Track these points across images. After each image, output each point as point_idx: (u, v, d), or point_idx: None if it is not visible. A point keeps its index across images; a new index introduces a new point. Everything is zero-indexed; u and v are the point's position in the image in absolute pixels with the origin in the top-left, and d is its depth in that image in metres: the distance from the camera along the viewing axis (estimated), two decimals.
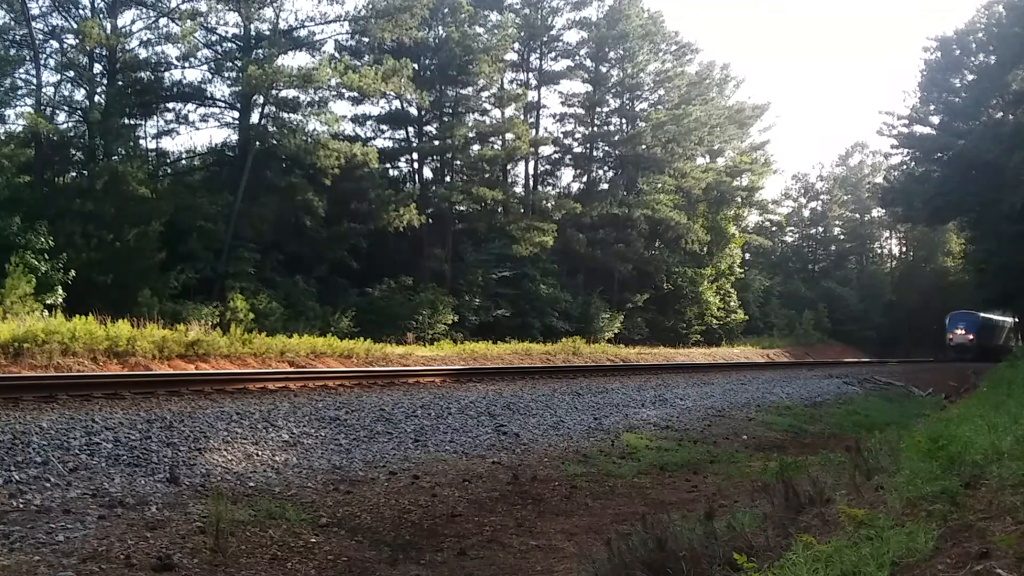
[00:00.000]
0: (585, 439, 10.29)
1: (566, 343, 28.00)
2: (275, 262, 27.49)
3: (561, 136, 44.42)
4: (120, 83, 27.12)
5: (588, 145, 43.89)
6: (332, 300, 27.68)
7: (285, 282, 27.11)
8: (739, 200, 52.48)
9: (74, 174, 26.48)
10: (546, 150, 44.01)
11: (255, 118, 28.78)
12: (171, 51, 28.30)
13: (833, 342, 51.74)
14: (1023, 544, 3.20)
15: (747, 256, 55.40)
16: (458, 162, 36.61)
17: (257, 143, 27.74)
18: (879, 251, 74.19)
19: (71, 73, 26.51)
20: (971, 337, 45.40)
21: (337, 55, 31.46)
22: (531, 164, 42.42)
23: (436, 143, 34.94)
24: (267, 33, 28.15)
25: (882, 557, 3.31)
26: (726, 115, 50.35)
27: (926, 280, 62.08)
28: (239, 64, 27.68)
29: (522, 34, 39.06)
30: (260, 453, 7.54)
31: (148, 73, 28.23)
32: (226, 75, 29.28)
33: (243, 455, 7.38)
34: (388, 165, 35.76)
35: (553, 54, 42.58)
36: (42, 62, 25.56)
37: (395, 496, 6.89)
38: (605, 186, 44.05)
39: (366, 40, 31.45)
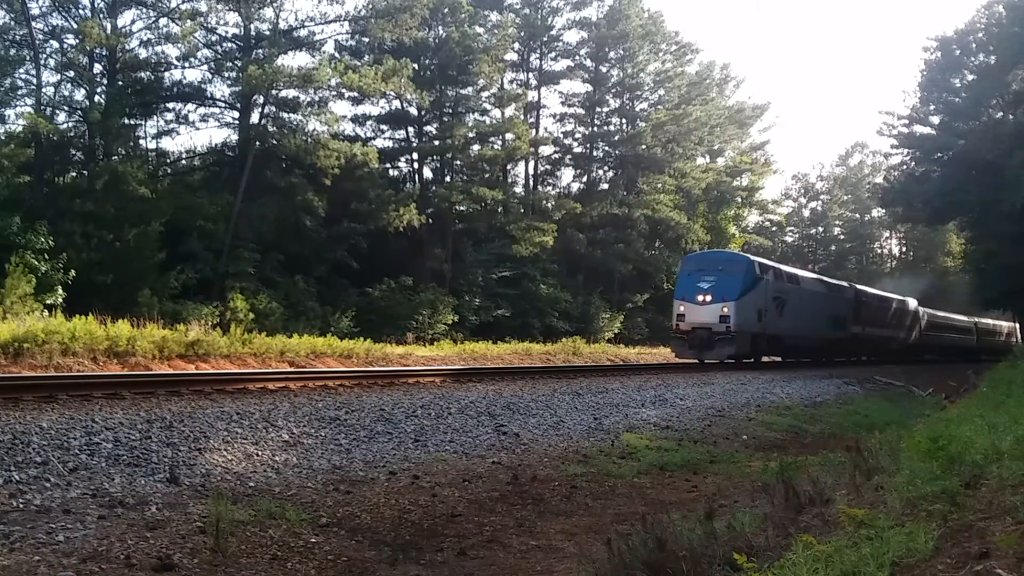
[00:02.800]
0: (585, 439, 10.28)
1: (566, 343, 28.01)
2: (275, 262, 27.50)
3: (561, 136, 44.51)
4: (120, 83, 27.14)
5: (588, 145, 43.92)
6: (332, 300, 27.69)
7: (285, 282, 27.11)
8: (739, 200, 52.52)
9: (74, 174, 26.51)
10: (546, 150, 44.11)
11: (255, 118, 28.82)
12: (171, 51, 28.39)
13: None
14: (1023, 544, 3.20)
15: None
16: (458, 162, 36.64)
17: (257, 143, 27.76)
18: (879, 251, 74.25)
19: (71, 73, 26.54)
20: (724, 311, 21.94)
21: (337, 55, 31.51)
22: (531, 164, 42.50)
23: (436, 143, 34.96)
24: (267, 33, 28.16)
25: (882, 557, 3.31)
26: (726, 115, 50.42)
27: (926, 280, 62.11)
28: (239, 64, 27.70)
29: (522, 34, 39.11)
30: (260, 453, 7.54)
31: (148, 73, 28.26)
32: (226, 75, 29.32)
33: (243, 455, 7.38)
34: (388, 165, 35.79)
35: (553, 54, 42.65)
36: (42, 62, 25.61)
37: (395, 496, 6.88)
38: (605, 186, 44.10)
39: (366, 40, 31.48)
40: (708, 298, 22.24)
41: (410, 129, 35.92)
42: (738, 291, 22.26)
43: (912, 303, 38.85)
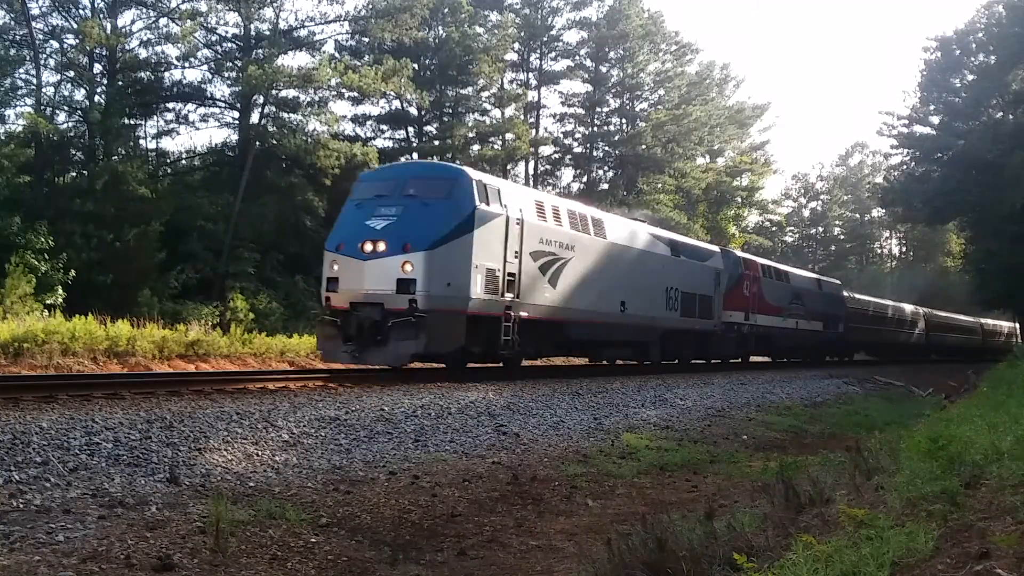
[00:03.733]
0: (585, 439, 10.27)
1: None
2: (275, 262, 27.50)
3: (561, 136, 44.54)
4: (120, 83, 27.16)
5: (588, 145, 43.94)
6: None
7: (285, 282, 27.12)
8: (739, 200, 52.54)
9: (74, 174, 26.52)
10: (546, 150, 44.13)
11: (255, 118, 28.83)
12: (171, 51, 28.44)
13: None
14: (1023, 544, 3.20)
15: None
16: (458, 162, 36.65)
17: (257, 143, 27.76)
18: (879, 251, 74.34)
19: (71, 73, 26.56)
20: (407, 269, 11.49)
21: (337, 55, 31.53)
22: (531, 164, 42.52)
23: (436, 143, 34.97)
24: (267, 33, 28.19)
25: (882, 557, 3.31)
26: (726, 115, 50.43)
27: (926, 280, 62.11)
28: (239, 64, 27.73)
29: (522, 34, 39.11)
30: (260, 453, 7.53)
31: (148, 73, 28.30)
32: (226, 75, 29.37)
33: (243, 455, 7.37)
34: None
35: (553, 54, 42.67)
36: (42, 62, 25.64)
37: (395, 496, 6.88)
38: (605, 186, 44.09)
39: (366, 40, 31.50)
40: (381, 247, 11.86)
41: (410, 129, 35.95)
42: (438, 232, 11.87)
43: (836, 285, 31.16)
